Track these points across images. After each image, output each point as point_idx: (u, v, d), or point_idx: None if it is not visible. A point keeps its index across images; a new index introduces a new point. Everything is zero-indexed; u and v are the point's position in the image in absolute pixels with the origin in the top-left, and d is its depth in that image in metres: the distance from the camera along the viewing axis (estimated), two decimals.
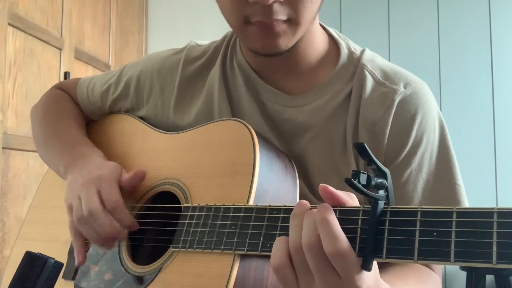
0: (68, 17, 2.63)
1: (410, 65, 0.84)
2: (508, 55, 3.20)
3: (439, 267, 0.80)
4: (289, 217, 0.60)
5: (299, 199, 0.63)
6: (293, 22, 0.73)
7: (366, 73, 0.81)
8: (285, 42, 0.74)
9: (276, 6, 0.69)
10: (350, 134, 0.79)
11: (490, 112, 3.20)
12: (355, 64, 0.82)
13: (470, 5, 3.29)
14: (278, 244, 0.57)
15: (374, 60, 0.83)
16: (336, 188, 0.58)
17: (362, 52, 0.84)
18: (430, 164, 0.79)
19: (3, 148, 2.11)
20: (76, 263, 0.80)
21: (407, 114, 0.78)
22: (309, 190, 0.80)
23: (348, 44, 0.86)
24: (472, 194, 0.80)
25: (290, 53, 0.78)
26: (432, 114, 0.80)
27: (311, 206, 0.58)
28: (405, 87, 0.80)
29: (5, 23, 2.15)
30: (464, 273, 2.93)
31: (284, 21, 0.72)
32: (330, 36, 0.87)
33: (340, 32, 0.89)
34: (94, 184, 0.78)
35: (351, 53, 0.84)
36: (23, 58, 2.29)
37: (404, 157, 0.78)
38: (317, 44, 0.83)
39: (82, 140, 0.95)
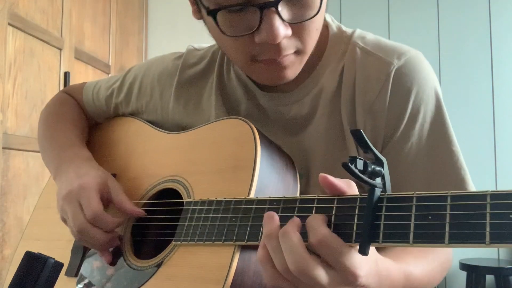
0: (68, 17, 2.64)
1: None
2: (508, 55, 3.21)
3: None
4: (289, 207, 0.61)
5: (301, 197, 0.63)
6: (300, 52, 0.72)
7: (357, 49, 0.80)
8: (292, 72, 0.74)
9: (285, 42, 0.68)
10: (346, 116, 0.78)
11: (490, 111, 3.21)
12: (346, 42, 0.81)
13: (470, 5, 3.30)
14: (264, 265, 0.57)
15: (366, 36, 0.82)
16: (341, 177, 0.58)
17: (353, 31, 0.83)
18: (429, 134, 0.77)
19: (3, 148, 2.11)
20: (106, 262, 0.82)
21: (404, 86, 0.77)
22: (315, 184, 0.80)
23: (339, 25, 0.85)
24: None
25: None
26: (428, 84, 0.78)
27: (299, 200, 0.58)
28: (398, 58, 0.78)
29: (5, 23, 2.15)
30: (464, 273, 2.93)
31: (292, 53, 0.71)
32: (323, 24, 0.85)
33: None
34: (75, 197, 0.80)
35: (341, 32, 0.83)
36: (23, 58, 2.29)
37: (402, 130, 0.76)
38: None
39: (73, 142, 0.96)
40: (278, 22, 0.65)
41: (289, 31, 0.67)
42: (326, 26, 0.84)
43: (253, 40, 0.68)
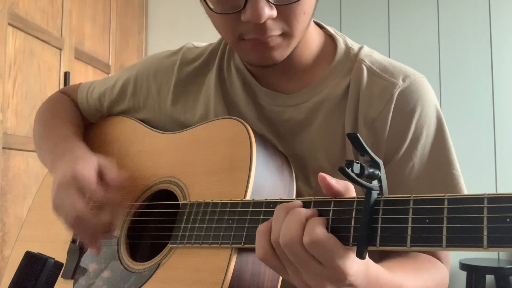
0: (68, 17, 2.64)
1: (410, 65, 0.84)
2: (508, 55, 3.21)
3: (447, 258, 0.79)
4: None
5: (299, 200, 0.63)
6: (287, 35, 0.72)
7: (364, 67, 0.80)
8: (280, 54, 0.74)
9: (270, 23, 0.69)
10: (349, 130, 0.78)
11: (490, 112, 3.20)
12: (352, 59, 0.82)
13: (470, 5, 3.29)
14: (260, 236, 0.58)
15: (372, 55, 0.83)
16: None
17: (360, 48, 0.84)
18: (431, 157, 0.78)
19: (3, 148, 2.11)
20: (95, 253, 0.81)
21: (406, 107, 0.78)
22: (309, 190, 0.80)
23: (345, 40, 0.86)
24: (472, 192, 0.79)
25: (286, 58, 0.77)
26: (431, 107, 0.80)
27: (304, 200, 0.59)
28: (403, 80, 0.79)
29: (5, 23, 2.15)
30: (464, 273, 2.93)
31: (279, 35, 0.72)
32: (327, 34, 0.87)
33: (340, 32, 0.89)
34: (71, 185, 0.78)
35: (348, 48, 0.84)
36: (23, 58, 2.29)
37: (404, 151, 0.77)
38: (313, 45, 0.83)
39: (69, 135, 0.95)
40: (262, 2, 0.66)
41: (273, 12, 0.68)
42: (332, 38, 0.85)
43: (240, 18, 0.69)
